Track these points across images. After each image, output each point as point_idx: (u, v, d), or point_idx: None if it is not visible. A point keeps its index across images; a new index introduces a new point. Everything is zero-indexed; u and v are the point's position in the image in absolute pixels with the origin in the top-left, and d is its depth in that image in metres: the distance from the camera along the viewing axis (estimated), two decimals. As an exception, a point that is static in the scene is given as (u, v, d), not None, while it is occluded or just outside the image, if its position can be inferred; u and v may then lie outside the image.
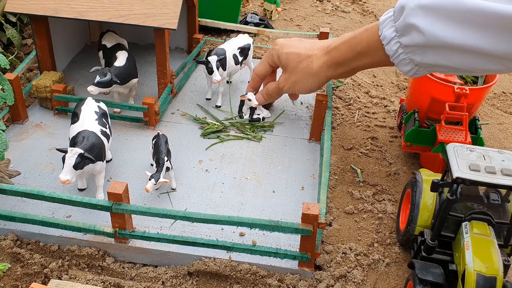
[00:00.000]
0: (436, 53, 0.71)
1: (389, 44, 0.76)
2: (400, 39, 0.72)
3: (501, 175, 1.38)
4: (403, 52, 0.72)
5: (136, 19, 2.00)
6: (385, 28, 0.74)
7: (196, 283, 1.54)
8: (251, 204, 1.78)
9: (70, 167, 1.56)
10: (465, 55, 0.68)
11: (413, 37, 0.70)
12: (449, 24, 0.65)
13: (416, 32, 0.68)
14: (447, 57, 0.71)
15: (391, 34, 0.72)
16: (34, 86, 2.13)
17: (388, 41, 0.72)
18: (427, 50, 0.71)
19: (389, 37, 0.73)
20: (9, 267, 1.53)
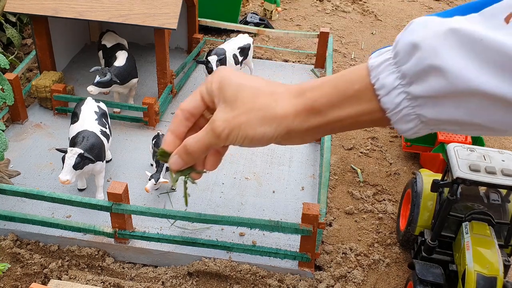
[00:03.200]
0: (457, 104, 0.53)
1: (389, 95, 0.56)
2: (408, 88, 0.55)
3: (501, 175, 1.37)
4: (409, 106, 0.56)
5: (136, 19, 2.00)
6: (382, 75, 0.57)
7: (196, 283, 1.54)
8: (251, 204, 1.78)
9: (70, 167, 1.56)
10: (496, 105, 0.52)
11: (431, 84, 0.53)
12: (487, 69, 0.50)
13: (438, 77, 0.52)
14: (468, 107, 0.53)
15: (393, 82, 0.56)
16: (34, 86, 2.13)
17: (388, 91, 0.56)
18: (444, 100, 0.54)
19: (389, 86, 0.56)
20: (9, 267, 1.53)
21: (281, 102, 0.60)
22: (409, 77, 0.55)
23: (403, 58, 0.55)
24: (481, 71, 0.50)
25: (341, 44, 3.08)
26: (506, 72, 0.50)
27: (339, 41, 3.12)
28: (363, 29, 3.30)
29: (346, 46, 3.07)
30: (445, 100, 0.54)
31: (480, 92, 0.51)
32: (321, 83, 0.60)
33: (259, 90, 0.61)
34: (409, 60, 0.55)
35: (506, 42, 0.49)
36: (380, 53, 0.58)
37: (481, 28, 0.51)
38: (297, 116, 0.60)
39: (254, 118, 0.61)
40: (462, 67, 0.51)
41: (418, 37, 0.53)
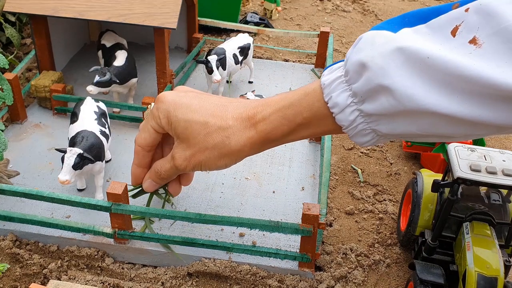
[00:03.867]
0: (408, 121, 0.53)
1: (343, 112, 0.56)
2: (361, 106, 0.55)
3: (502, 175, 1.37)
4: (364, 122, 0.56)
5: (136, 18, 1.99)
6: (334, 93, 0.56)
7: (196, 284, 1.53)
8: (251, 204, 1.78)
9: (69, 167, 1.55)
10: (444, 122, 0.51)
11: (381, 103, 0.53)
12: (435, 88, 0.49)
13: (387, 96, 0.52)
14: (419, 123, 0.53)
15: (345, 100, 0.55)
16: (33, 86, 2.13)
17: (342, 109, 0.56)
18: (397, 117, 0.53)
19: (342, 105, 0.56)
20: (8, 268, 1.53)
21: (234, 138, 0.60)
22: (361, 96, 0.54)
23: (353, 77, 0.55)
24: (429, 90, 0.50)
25: (342, 43, 3.08)
26: (453, 90, 0.49)
27: (339, 40, 3.11)
28: (364, 28, 3.30)
29: (347, 45, 3.07)
30: (397, 117, 0.53)
31: (428, 111, 0.51)
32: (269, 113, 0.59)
33: (206, 127, 0.60)
34: (359, 79, 0.54)
35: (452, 60, 0.48)
36: (332, 70, 0.58)
37: (428, 43, 0.50)
38: (253, 147, 0.61)
39: (211, 156, 0.61)
40: (410, 87, 0.50)
41: (365, 57, 0.53)
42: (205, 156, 0.62)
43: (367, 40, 0.55)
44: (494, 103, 0.48)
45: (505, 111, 0.48)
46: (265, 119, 0.59)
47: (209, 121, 0.60)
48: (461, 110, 0.50)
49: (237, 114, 0.60)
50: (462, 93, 0.49)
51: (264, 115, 0.59)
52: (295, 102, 0.59)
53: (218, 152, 0.61)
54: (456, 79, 0.48)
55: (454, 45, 0.49)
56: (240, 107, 0.61)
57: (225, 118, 0.60)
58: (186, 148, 0.63)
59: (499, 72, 0.46)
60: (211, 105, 0.61)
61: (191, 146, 0.62)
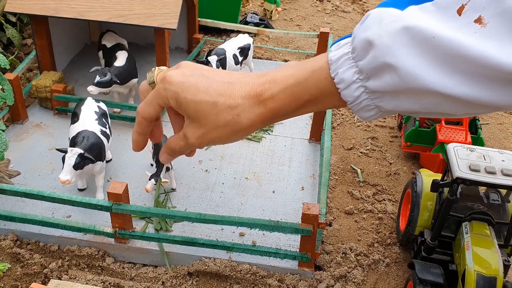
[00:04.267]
0: (411, 99, 0.54)
1: (349, 88, 0.57)
2: (366, 83, 0.56)
3: (501, 175, 1.37)
4: (368, 98, 0.57)
5: (136, 19, 2.00)
6: (341, 69, 0.57)
7: (196, 283, 1.54)
8: (251, 204, 1.78)
9: (70, 167, 1.56)
10: (446, 102, 0.53)
11: (386, 81, 0.54)
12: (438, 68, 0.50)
13: (391, 74, 0.53)
14: (421, 102, 0.54)
15: (351, 76, 0.57)
16: (34, 86, 2.13)
17: (347, 85, 0.57)
18: (402, 95, 0.55)
19: (348, 81, 0.57)
20: (9, 267, 1.53)
21: (244, 115, 0.61)
22: (366, 73, 0.56)
23: (359, 54, 0.56)
24: (433, 69, 0.51)
25: (341, 44, 3.08)
26: (456, 70, 0.50)
27: (339, 41, 3.11)
28: (363, 29, 3.30)
29: (346, 46, 3.07)
30: (401, 94, 0.55)
31: (431, 90, 0.52)
32: (277, 91, 0.61)
33: (216, 107, 0.61)
34: (365, 57, 0.55)
35: (456, 40, 0.49)
36: (339, 46, 0.59)
37: (434, 22, 0.51)
38: (262, 122, 0.63)
39: (223, 133, 0.63)
40: (414, 66, 0.51)
41: (372, 35, 0.54)
42: (218, 133, 0.64)
43: (374, 17, 0.55)
44: (497, 85, 0.49)
45: (507, 93, 0.49)
46: (273, 97, 0.61)
47: (219, 101, 0.61)
48: (464, 90, 0.50)
49: (245, 92, 0.62)
50: (465, 74, 0.50)
51: (272, 93, 0.61)
52: (302, 80, 0.60)
53: (230, 129, 0.63)
54: (460, 59, 0.49)
55: (459, 24, 0.50)
56: (247, 84, 0.62)
57: (234, 96, 0.61)
58: (198, 127, 0.64)
59: (503, 53, 0.46)
60: (218, 84, 0.62)
61: (203, 125, 0.64)
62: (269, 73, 0.63)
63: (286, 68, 0.63)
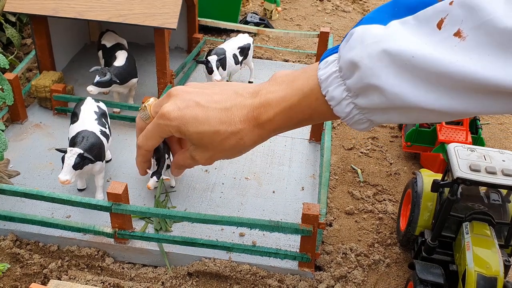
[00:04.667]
0: (399, 114, 0.57)
1: (340, 105, 0.60)
2: (355, 100, 0.59)
3: (501, 175, 1.37)
4: (359, 113, 0.60)
5: (136, 18, 1.99)
6: (330, 88, 0.60)
7: (196, 284, 1.54)
8: (251, 204, 1.78)
9: (70, 167, 1.55)
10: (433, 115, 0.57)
11: (373, 99, 0.57)
12: (421, 86, 0.53)
13: (377, 94, 0.56)
14: (409, 116, 0.57)
15: (341, 94, 0.59)
16: (33, 86, 2.13)
17: (338, 102, 0.60)
18: (390, 111, 0.58)
19: (338, 98, 0.60)
20: (8, 268, 1.53)
21: (247, 138, 0.68)
22: (354, 91, 0.59)
23: (346, 74, 0.59)
24: (415, 88, 0.53)
25: (341, 44, 3.08)
26: (438, 86, 0.52)
27: (339, 41, 3.12)
28: (363, 29, 3.30)
29: (346, 46, 3.07)
30: (389, 111, 0.58)
31: (416, 107, 0.54)
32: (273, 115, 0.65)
33: (219, 135, 0.67)
34: (352, 76, 0.58)
35: (436, 57, 0.50)
36: (327, 64, 0.62)
37: (414, 39, 0.53)
38: (263, 139, 0.69)
39: (229, 153, 0.71)
40: (397, 86, 0.54)
41: (356, 56, 0.56)
42: (224, 154, 0.71)
43: (357, 37, 0.58)
44: (476, 96, 0.51)
45: (490, 103, 0.51)
46: (270, 120, 0.66)
47: (220, 129, 0.67)
48: (445, 104, 0.53)
49: (243, 116, 0.66)
50: (446, 89, 0.52)
51: (269, 117, 0.65)
52: (295, 103, 0.64)
53: (235, 150, 0.71)
54: (440, 76, 0.51)
55: (439, 39, 0.51)
56: (243, 107, 0.66)
57: (234, 122, 0.67)
58: (204, 151, 0.71)
59: (481, 67, 0.48)
60: (216, 113, 0.67)
61: (209, 150, 0.70)
62: (262, 93, 0.66)
63: (276, 87, 0.66)
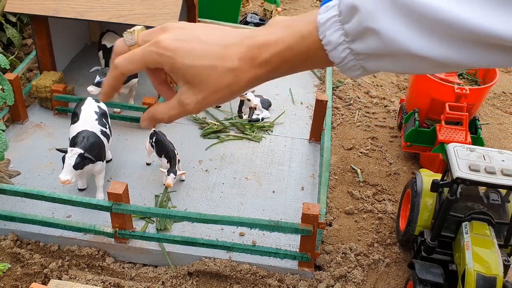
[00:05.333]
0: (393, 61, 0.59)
1: (336, 50, 0.61)
2: (352, 45, 0.60)
3: (501, 175, 1.38)
4: (354, 59, 0.61)
5: (136, 19, 2.00)
6: (328, 31, 0.61)
7: (196, 283, 1.54)
8: (251, 204, 1.78)
9: (70, 167, 1.56)
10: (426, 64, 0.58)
11: (370, 44, 0.58)
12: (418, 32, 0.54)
13: (374, 38, 0.57)
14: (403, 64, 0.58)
15: (338, 38, 0.60)
16: (34, 86, 2.13)
17: (334, 46, 0.61)
18: (386, 57, 0.59)
19: (335, 43, 0.61)
20: (9, 267, 1.53)
21: (243, 76, 0.65)
22: (352, 35, 0.59)
23: (345, 18, 0.59)
24: (411, 33, 0.54)
25: (341, 44, 3.08)
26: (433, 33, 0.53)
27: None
28: (363, 29, 3.30)
29: (346, 46, 3.07)
30: (384, 56, 0.58)
31: (410, 53, 0.55)
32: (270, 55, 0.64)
33: (216, 70, 0.64)
34: (351, 20, 0.58)
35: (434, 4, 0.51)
36: (327, 8, 0.62)
37: None
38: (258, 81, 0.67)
39: (223, 94, 0.66)
40: (395, 30, 0.55)
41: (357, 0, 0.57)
42: (218, 95, 0.67)
43: None
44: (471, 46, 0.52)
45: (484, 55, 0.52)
46: (267, 61, 0.65)
47: (218, 64, 0.65)
48: (440, 53, 0.54)
49: (242, 54, 0.65)
50: (442, 37, 0.53)
51: (266, 57, 0.65)
52: (293, 46, 0.64)
53: (229, 90, 0.66)
54: (436, 23, 0.52)
55: None
56: (241, 46, 0.66)
57: (232, 59, 0.65)
58: (197, 93, 0.67)
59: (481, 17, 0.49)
60: (214, 48, 0.66)
61: (203, 89, 0.66)
62: (260, 35, 0.66)
63: (275, 29, 0.66)
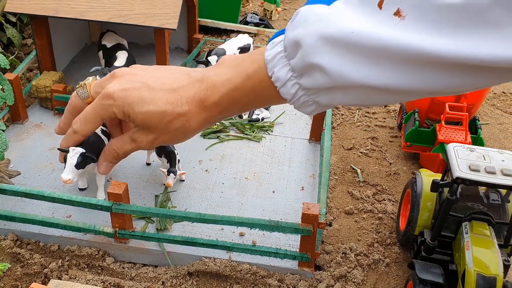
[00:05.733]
0: (344, 93, 0.57)
1: (285, 86, 0.59)
2: (300, 81, 0.58)
3: (501, 175, 1.38)
4: (305, 95, 0.60)
5: (136, 19, 2.00)
6: (276, 68, 0.59)
7: (196, 283, 1.54)
8: (251, 204, 1.78)
9: (72, 166, 1.55)
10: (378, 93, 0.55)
11: (316, 78, 0.56)
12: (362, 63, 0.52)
13: (320, 72, 0.55)
14: (355, 95, 0.56)
15: (286, 74, 0.59)
16: (34, 86, 2.13)
17: (283, 83, 0.59)
18: (336, 90, 0.57)
19: (283, 79, 0.59)
20: (9, 267, 1.53)
21: (193, 120, 0.65)
22: (298, 71, 0.58)
23: (290, 53, 0.58)
24: (356, 65, 0.53)
25: (341, 44, 3.08)
26: (378, 62, 0.52)
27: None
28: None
29: (346, 46, 3.07)
30: (334, 90, 0.57)
31: (357, 84, 0.54)
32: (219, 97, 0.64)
33: (165, 116, 0.64)
34: (295, 56, 0.57)
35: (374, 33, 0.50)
36: (274, 44, 0.61)
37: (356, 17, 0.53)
38: (210, 123, 0.67)
39: (174, 136, 0.67)
40: (338, 64, 0.54)
41: (298, 35, 0.56)
42: (168, 137, 0.67)
43: (301, 16, 0.58)
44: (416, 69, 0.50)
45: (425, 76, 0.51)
46: (216, 103, 0.65)
47: (167, 110, 0.65)
48: (386, 80, 0.52)
49: (190, 97, 0.65)
50: (385, 64, 0.51)
51: (215, 100, 0.64)
52: (240, 86, 0.63)
53: (181, 132, 0.67)
54: (380, 50, 0.51)
55: (380, 18, 0.51)
56: (189, 90, 0.65)
57: (180, 103, 0.65)
58: (148, 133, 0.67)
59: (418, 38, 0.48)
60: (162, 93, 0.65)
61: (153, 131, 0.67)
62: (209, 76, 0.65)
63: (223, 69, 0.65)
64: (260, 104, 0.66)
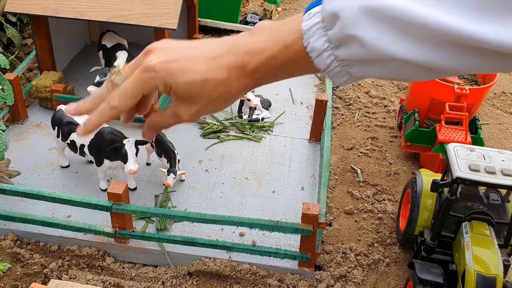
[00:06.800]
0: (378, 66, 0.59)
1: (321, 57, 0.61)
2: (335, 52, 0.60)
3: (501, 175, 1.38)
4: (339, 65, 0.62)
5: (136, 19, 2.00)
6: (312, 39, 0.61)
7: (196, 283, 1.54)
8: (251, 204, 1.78)
9: (134, 155, 1.63)
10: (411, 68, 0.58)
11: (353, 50, 0.58)
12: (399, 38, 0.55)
13: (357, 44, 0.57)
14: (388, 69, 0.59)
15: (322, 45, 0.61)
16: (34, 86, 2.13)
17: (319, 53, 0.61)
18: (370, 63, 0.59)
19: (319, 49, 0.61)
20: (9, 267, 1.53)
21: (234, 86, 0.67)
22: (335, 42, 0.59)
23: (328, 24, 0.60)
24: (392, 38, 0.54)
25: (341, 44, 3.08)
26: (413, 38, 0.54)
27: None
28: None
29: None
30: (368, 62, 0.59)
31: (393, 58, 0.56)
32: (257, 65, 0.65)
33: (208, 83, 0.66)
34: (333, 27, 0.59)
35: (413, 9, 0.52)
36: (311, 15, 0.62)
37: None
38: (248, 89, 0.69)
39: (216, 104, 0.69)
40: (375, 36, 0.55)
41: (336, 7, 0.57)
42: (211, 106, 0.69)
43: None
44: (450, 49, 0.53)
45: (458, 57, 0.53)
46: (254, 71, 0.67)
47: (208, 77, 0.67)
48: (421, 56, 0.54)
49: (229, 64, 0.67)
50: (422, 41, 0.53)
51: (253, 67, 0.67)
52: (277, 55, 0.65)
53: (222, 100, 0.69)
54: (416, 27, 0.52)
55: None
56: (227, 57, 0.67)
57: (221, 70, 0.67)
58: (191, 106, 0.69)
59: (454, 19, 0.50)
60: (202, 61, 0.67)
61: (197, 102, 0.69)
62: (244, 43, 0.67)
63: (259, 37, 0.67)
64: (293, 73, 0.68)
